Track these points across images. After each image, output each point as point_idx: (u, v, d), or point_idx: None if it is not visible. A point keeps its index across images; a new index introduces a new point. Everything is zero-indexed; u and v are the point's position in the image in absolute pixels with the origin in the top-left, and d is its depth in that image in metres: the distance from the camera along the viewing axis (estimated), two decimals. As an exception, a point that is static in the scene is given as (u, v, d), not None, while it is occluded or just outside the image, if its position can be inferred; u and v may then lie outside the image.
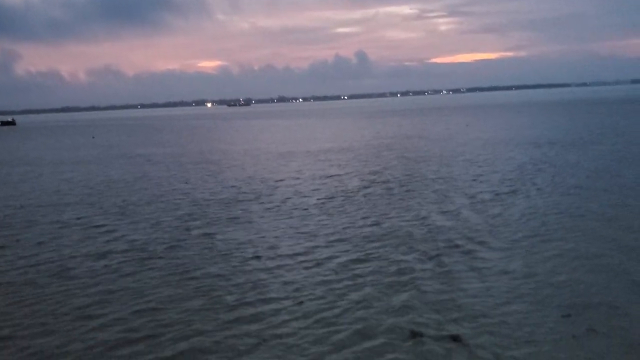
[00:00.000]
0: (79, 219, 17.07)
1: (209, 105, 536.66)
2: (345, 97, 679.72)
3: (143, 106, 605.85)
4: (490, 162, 25.47)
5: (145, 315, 9.10)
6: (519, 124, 51.01)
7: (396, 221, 14.81)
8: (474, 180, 20.72)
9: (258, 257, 12.04)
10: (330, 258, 11.74)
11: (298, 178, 23.55)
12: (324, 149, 35.95)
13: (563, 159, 25.14)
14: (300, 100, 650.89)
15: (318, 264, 11.35)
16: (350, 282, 10.19)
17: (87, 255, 12.87)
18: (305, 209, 16.95)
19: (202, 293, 10.01)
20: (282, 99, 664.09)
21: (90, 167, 31.35)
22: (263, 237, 13.82)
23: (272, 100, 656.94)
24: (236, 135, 59.38)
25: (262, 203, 18.30)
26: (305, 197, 19.10)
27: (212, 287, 10.26)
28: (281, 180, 23.19)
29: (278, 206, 17.68)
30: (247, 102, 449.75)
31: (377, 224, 14.64)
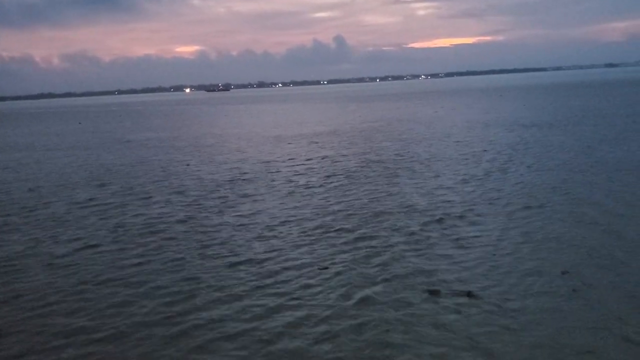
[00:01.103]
0: (91, 199, 17.71)
1: (187, 90, 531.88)
2: (325, 82, 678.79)
3: (120, 92, 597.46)
4: (480, 142, 26.62)
5: (182, 283, 9.94)
6: (503, 108, 52.36)
7: (399, 196, 15.82)
8: (466, 159, 21.82)
9: (272, 228, 12.97)
10: (344, 230, 12.69)
11: (295, 159, 24.45)
12: (317, 132, 36.83)
13: (548, 139, 26.39)
14: (280, 85, 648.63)
15: (336, 236, 12.29)
16: (365, 250, 11.15)
17: (109, 229, 13.63)
18: (309, 187, 17.88)
19: (228, 261, 10.89)
20: (261, 84, 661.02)
21: (86, 153, 31.75)
22: (273, 212, 14.70)
23: (251, 86, 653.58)
24: (226, 120, 59.84)
25: (267, 182, 19.16)
26: (305, 175, 20.03)
27: (237, 255, 11.15)
28: (280, 161, 24.07)
29: (282, 184, 18.58)
30: (226, 88, 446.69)
31: (381, 198, 15.63)
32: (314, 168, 21.71)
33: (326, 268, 10.21)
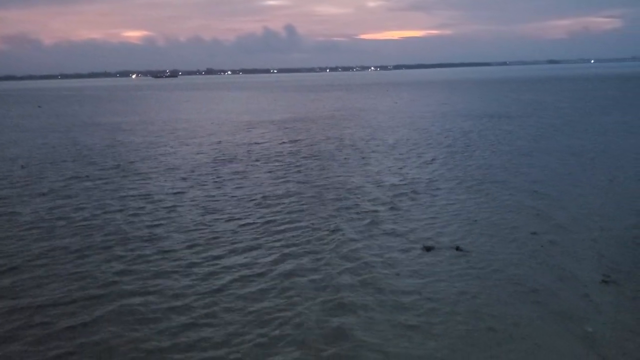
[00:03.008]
0: (87, 176, 18.77)
1: (134, 76, 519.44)
2: (275, 71, 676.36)
3: (64, 76, 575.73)
4: (440, 130, 29.00)
5: (176, 249, 11.57)
6: (458, 100, 55.37)
7: (372, 173, 17.80)
8: (429, 144, 24.07)
9: (265, 197, 14.71)
10: (330, 199, 14.55)
11: (272, 142, 26.14)
12: (287, 119, 38.53)
13: (502, 128, 29.06)
14: (229, 73, 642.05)
15: (322, 203, 14.14)
16: (351, 214, 13.07)
17: (113, 199, 15.00)
18: (296, 165, 19.67)
19: (224, 227, 12.57)
20: (210, 71, 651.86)
21: (62, 135, 32.23)
22: (260, 186, 16.41)
23: (199, 73, 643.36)
24: (190, 105, 60.57)
25: (252, 161, 20.78)
26: (289, 155, 21.77)
27: (238, 219, 12.84)
28: (256, 143, 25.72)
29: (265, 163, 20.28)
30: (174, 74, 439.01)
31: (357, 175, 17.57)
32: (294, 151, 23.42)
33: (335, 230, 12.05)
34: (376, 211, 13.34)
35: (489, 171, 17.77)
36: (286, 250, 10.70)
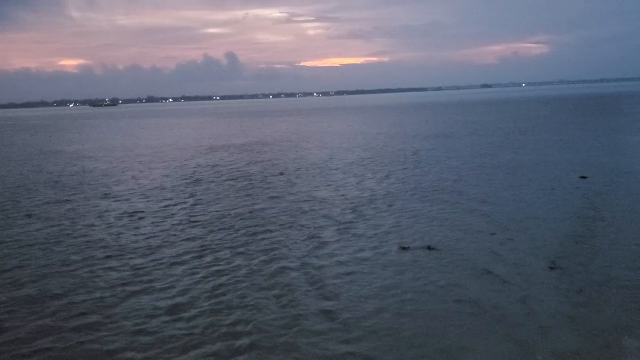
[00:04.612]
0: (68, 200, 19.61)
1: (72, 105, 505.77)
2: (217, 98, 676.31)
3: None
4: (394, 149, 31.30)
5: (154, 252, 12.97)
6: (406, 122, 58.47)
7: (334, 188, 19.61)
8: (385, 162, 26.18)
9: (242, 211, 16.22)
10: (303, 209, 16.21)
11: (236, 163, 27.66)
12: (247, 142, 40.16)
13: (448, 146, 31.65)
14: (170, 100, 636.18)
15: (301, 210, 15.78)
16: (331, 223, 14.76)
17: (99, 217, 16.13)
18: (259, 182, 21.24)
19: (195, 233, 14.03)
20: (151, 99, 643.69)
21: (23, 163, 32.32)
22: (235, 201, 17.91)
23: (140, 101, 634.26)
24: (145, 132, 60.98)
25: (220, 182, 22.17)
26: (257, 174, 23.29)
27: (219, 230, 14.32)
28: (223, 165, 27.16)
29: (236, 181, 21.78)
30: (114, 102, 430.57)
31: (322, 189, 19.31)
32: (261, 170, 24.93)
33: (315, 236, 13.68)
34: (347, 220, 14.96)
35: (441, 183, 19.87)
36: (271, 253, 12.20)
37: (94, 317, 9.04)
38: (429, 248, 12.39)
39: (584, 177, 19.67)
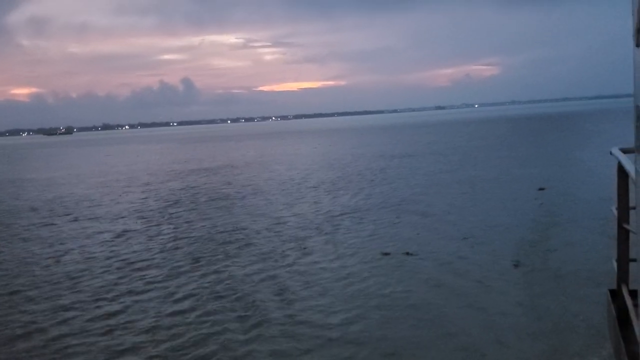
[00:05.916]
0: (53, 224, 20.39)
1: (24, 134, 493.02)
2: (175, 124, 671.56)
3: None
4: (360, 168, 33.08)
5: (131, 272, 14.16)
6: (367, 144, 60.88)
7: (314, 203, 21.02)
8: (353, 180, 27.83)
9: (225, 229, 17.46)
10: (281, 219, 17.56)
11: (210, 184, 28.84)
12: (215, 166, 41.35)
13: (412, 165, 33.69)
14: (127, 127, 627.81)
15: (279, 223, 17.12)
16: (315, 233, 16.15)
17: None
18: (238, 200, 22.48)
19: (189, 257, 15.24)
20: (106, 127, 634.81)
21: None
22: (216, 221, 19.13)
23: (95, 128, 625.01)
24: (113, 159, 61.34)
25: (198, 203, 23.27)
26: (228, 195, 24.50)
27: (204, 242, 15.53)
28: (198, 187, 28.33)
29: (213, 200, 22.96)
30: (69, 131, 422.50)
31: (296, 206, 20.71)
32: (236, 191, 26.20)
33: (305, 248, 15.02)
34: (328, 230, 16.41)
35: (409, 197, 21.55)
36: (260, 258, 13.52)
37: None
38: (407, 254, 13.83)
39: (542, 189, 21.58)
